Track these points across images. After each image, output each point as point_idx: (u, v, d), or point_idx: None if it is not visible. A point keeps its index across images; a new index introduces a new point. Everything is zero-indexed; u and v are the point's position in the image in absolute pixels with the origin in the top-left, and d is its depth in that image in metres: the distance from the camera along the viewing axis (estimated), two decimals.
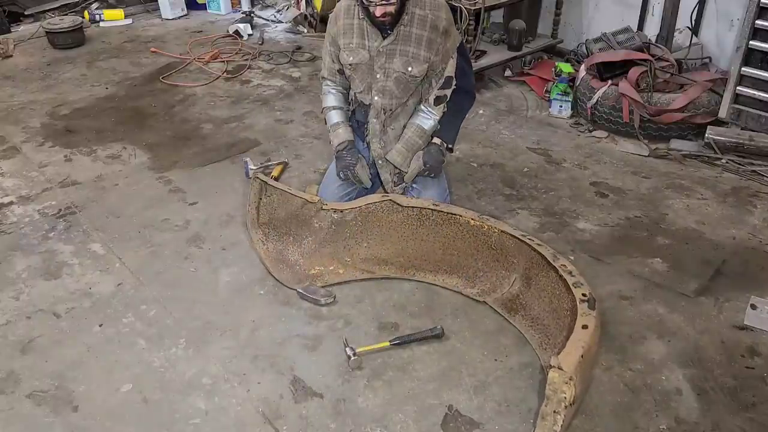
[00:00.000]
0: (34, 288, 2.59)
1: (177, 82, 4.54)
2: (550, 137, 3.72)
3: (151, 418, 2.04)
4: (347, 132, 2.70)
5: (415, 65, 2.47)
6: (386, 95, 2.56)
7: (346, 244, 2.61)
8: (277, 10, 5.99)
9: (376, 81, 2.55)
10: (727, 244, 2.78)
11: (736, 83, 3.40)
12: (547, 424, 1.71)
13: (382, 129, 2.65)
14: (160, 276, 2.65)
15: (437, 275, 2.54)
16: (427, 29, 2.43)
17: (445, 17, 2.48)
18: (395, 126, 2.65)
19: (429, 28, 2.43)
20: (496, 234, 2.41)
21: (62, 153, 3.62)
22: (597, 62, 3.67)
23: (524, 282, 2.36)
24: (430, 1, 2.45)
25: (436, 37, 2.45)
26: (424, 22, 2.43)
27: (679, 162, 3.42)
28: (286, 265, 2.61)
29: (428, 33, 2.44)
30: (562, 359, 1.79)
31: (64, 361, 2.24)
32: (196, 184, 3.29)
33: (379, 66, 2.51)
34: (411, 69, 2.48)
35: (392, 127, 2.65)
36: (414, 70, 2.48)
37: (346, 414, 2.03)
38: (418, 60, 2.47)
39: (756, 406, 2.03)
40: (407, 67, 2.47)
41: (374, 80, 2.55)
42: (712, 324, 2.35)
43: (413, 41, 2.45)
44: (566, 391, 1.73)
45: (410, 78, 2.51)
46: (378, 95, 2.57)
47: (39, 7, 5.81)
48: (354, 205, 2.58)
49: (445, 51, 2.50)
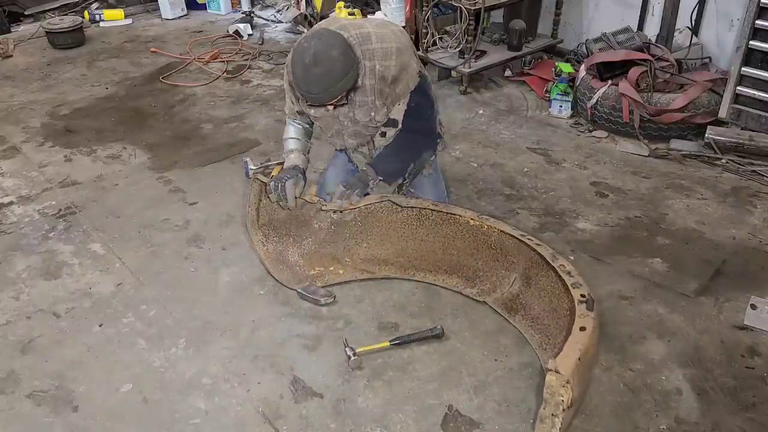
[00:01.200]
0: (34, 288, 2.59)
1: (177, 82, 4.54)
2: (550, 137, 3.72)
3: (151, 418, 2.04)
4: (299, 159, 2.61)
5: (376, 113, 2.42)
6: (358, 137, 2.56)
7: (346, 244, 2.61)
8: (277, 10, 5.99)
9: (344, 127, 2.52)
10: (727, 244, 2.78)
11: (736, 83, 3.39)
12: (546, 427, 1.71)
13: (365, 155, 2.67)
14: (160, 276, 2.65)
15: (437, 275, 2.54)
16: (376, 80, 2.32)
17: (395, 64, 2.31)
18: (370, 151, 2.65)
19: (378, 79, 2.32)
20: (496, 234, 2.41)
21: (62, 153, 3.62)
22: (597, 62, 3.67)
23: (524, 282, 2.36)
24: (380, 50, 2.29)
25: (385, 87, 2.36)
26: (374, 73, 2.31)
27: (679, 162, 3.42)
28: (286, 266, 2.61)
29: (378, 84, 2.34)
30: (560, 362, 1.79)
31: (64, 361, 2.24)
32: (196, 184, 3.29)
33: (344, 115, 2.46)
34: (374, 115, 2.43)
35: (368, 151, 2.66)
36: (377, 117, 2.44)
37: (346, 414, 2.03)
38: (377, 108, 2.41)
39: (756, 406, 2.03)
40: (370, 114, 2.42)
41: (343, 127, 2.52)
42: (712, 324, 2.35)
43: (368, 91, 2.36)
44: (563, 394, 1.73)
45: (374, 123, 2.47)
46: (350, 138, 2.57)
47: (39, 7, 5.81)
48: (353, 206, 2.58)
49: (395, 97, 2.41)
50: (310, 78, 2.15)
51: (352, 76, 2.22)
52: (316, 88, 2.17)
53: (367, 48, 2.28)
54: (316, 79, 2.15)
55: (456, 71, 4.26)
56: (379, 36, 2.30)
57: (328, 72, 2.14)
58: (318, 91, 2.18)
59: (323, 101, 2.26)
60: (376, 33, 2.31)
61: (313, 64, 2.12)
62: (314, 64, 2.12)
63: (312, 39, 2.18)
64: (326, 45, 2.15)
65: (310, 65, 2.13)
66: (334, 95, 2.22)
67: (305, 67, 2.14)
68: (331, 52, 2.13)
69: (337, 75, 2.16)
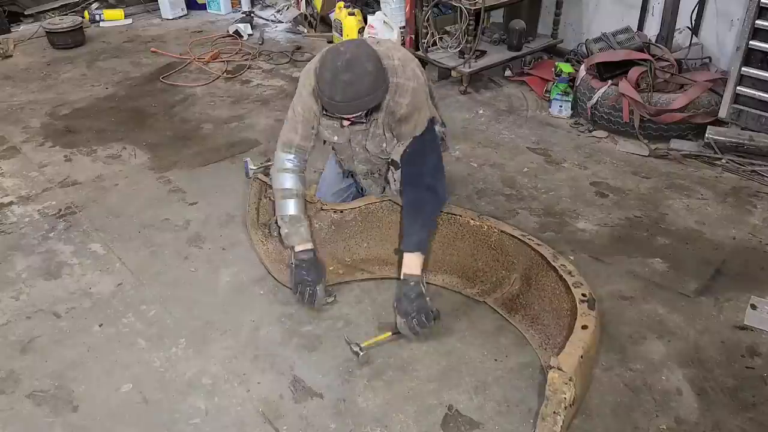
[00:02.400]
0: (34, 288, 2.59)
1: (177, 82, 4.54)
2: (550, 137, 3.72)
3: (151, 418, 2.04)
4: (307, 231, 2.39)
5: (387, 145, 2.38)
6: (368, 164, 2.55)
7: (346, 244, 2.61)
8: (277, 10, 5.99)
9: (356, 154, 2.49)
10: (727, 244, 2.78)
11: (736, 83, 3.39)
12: (547, 425, 1.71)
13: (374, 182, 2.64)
14: (160, 276, 2.65)
15: (437, 275, 2.54)
16: (383, 112, 2.24)
17: (407, 103, 2.19)
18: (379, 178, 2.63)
19: (387, 113, 2.23)
20: (496, 234, 2.41)
21: (62, 153, 3.62)
22: (597, 62, 3.67)
23: (524, 282, 2.36)
24: (401, 85, 2.18)
25: (392, 122, 2.28)
26: (386, 106, 2.22)
27: (679, 162, 3.42)
28: (285, 266, 2.61)
29: (385, 117, 2.26)
30: (562, 360, 1.79)
31: (64, 361, 2.24)
32: (196, 184, 3.29)
33: (357, 143, 2.43)
34: (385, 147, 2.38)
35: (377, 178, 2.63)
36: (388, 148, 2.39)
37: (346, 414, 2.03)
38: (387, 140, 2.37)
39: (756, 406, 2.03)
40: (381, 145, 2.38)
41: (355, 153, 2.50)
42: (712, 324, 2.35)
43: (380, 124, 2.30)
44: (566, 391, 1.73)
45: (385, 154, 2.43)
46: (361, 164, 2.55)
47: (39, 7, 5.81)
48: (353, 206, 2.58)
49: (399, 134, 2.33)
50: (337, 83, 2.01)
51: (379, 95, 2.10)
52: (340, 96, 2.03)
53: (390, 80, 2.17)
54: (343, 86, 2.00)
55: (456, 71, 4.26)
56: (401, 71, 2.20)
57: (358, 82, 2.01)
58: (341, 99, 2.03)
59: (342, 112, 2.11)
60: (401, 66, 2.20)
61: (344, 69, 1.99)
62: (345, 69, 1.99)
63: (350, 45, 2.07)
64: (363, 55, 2.03)
65: (341, 70, 1.99)
66: (355, 109, 2.09)
67: (336, 70, 2.00)
68: (366, 64, 2.01)
69: (366, 88, 2.03)
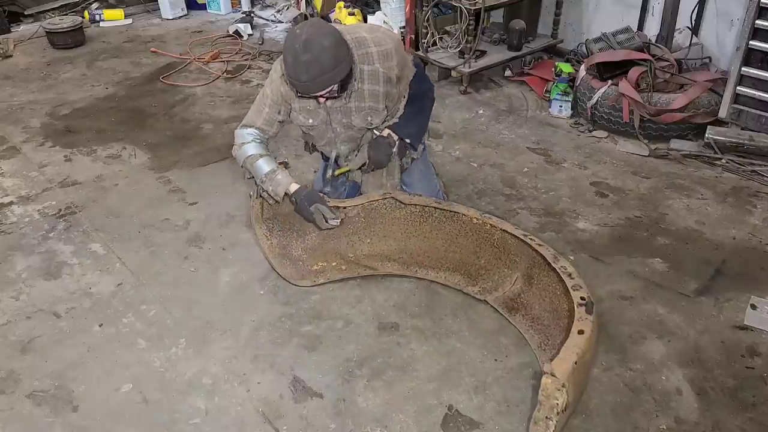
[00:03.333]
0: (34, 288, 2.59)
1: (177, 82, 4.54)
2: (550, 137, 3.72)
3: (151, 418, 2.04)
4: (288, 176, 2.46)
5: (374, 116, 2.41)
6: (351, 141, 2.55)
7: (349, 240, 2.62)
8: (277, 10, 5.99)
9: (338, 134, 2.50)
10: (727, 244, 2.78)
11: (736, 83, 3.39)
12: (539, 429, 1.71)
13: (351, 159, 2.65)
14: (160, 276, 2.65)
15: (439, 272, 2.55)
16: (381, 84, 2.30)
17: (397, 63, 2.31)
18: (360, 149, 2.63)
19: (383, 82, 2.30)
20: (499, 232, 2.41)
21: (62, 153, 3.62)
22: (597, 62, 3.67)
23: (526, 281, 2.36)
24: (377, 52, 2.26)
25: (392, 88, 2.35)
26: (376, 76, 2.28)
27: (679, 162, 3.42)
28: (289, 261, 2.61)
29: (383, 87, 2.32)
30: (556, 366, 1.78)
31: (64, 361, 2.24)
32: (196, 184, 3.29)
33: (337, 122, 2.44)
34: (371, 119, 2.41)
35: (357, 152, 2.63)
36: (374, 120, 2.42)
37: (346, 414, 2.03)
38: (376, 111, 2.39)
39: (756, 406, 2.03)
40: (367, 118, 2.40)
41: (336, 134, 2.50)
42: (712, 324, 2.35)
43: (367, 97, 2.34)
44: (559, 397, 1.73)
45: (371, 126, 2.46)
46: (343, 145, 2.55)
47: (39, 7, 5.81)
48: (357, 202, 2.58)
49: (399, 93, 2.41)
50: (299, 65, 2.10)
51: (343, 68, 2.16)
52: (305, 76, 2.11)
53: (365, 52, 2.26)
54: (305, 66, 2.09)
55: (456, 71, 4.25)
56: (374, 40, 2.28)
57: (318, 59, 2.09)
58: (307, 79, 2.12)
59: (311, 91, 2.19)
60: (371, 37, 2.29)
61: (303, 50, 2.07)
62: (303, 50, 2.07)
63: (305, 26, 2.14)
64: (318, 33, 2.10)
65: (299, 51, 2.08)
66: (322, 86, 2.16)
67: (295, 52, 2.09)
68: (322, 41, 2.08)
69: (328, 64, 2.10)
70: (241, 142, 2.48)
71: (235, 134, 2.52)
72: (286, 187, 2.44)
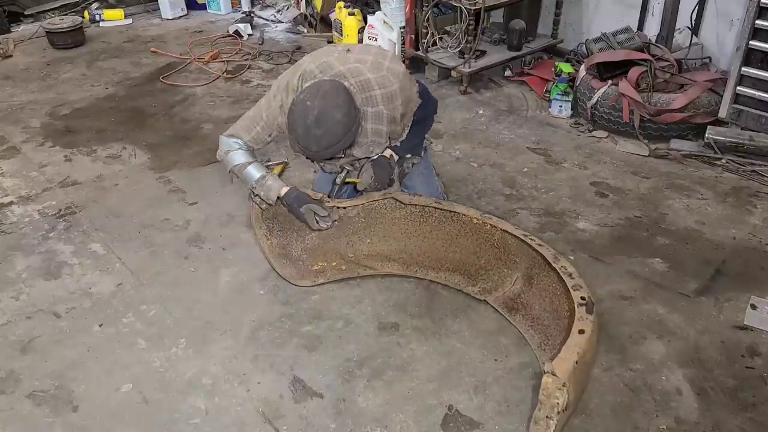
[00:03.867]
0: (34, 288, 2.59)
1: (177, 82, 4.54)
2: (550, 137, 3.72)
3: (151, 418, 2.04)
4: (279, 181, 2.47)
5: (376, 148, 2.42)
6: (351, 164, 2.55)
7: (350, 240, 2.62)
8: (277, 10, 5.99)
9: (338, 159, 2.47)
10: (727, 244, 2.78)
11: (736, 83, 3.39)
12: (540, 429, 1.71)
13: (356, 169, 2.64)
14: (160, 276, 2.65)
15: (439, 272, 2.55)
16: (384, 123, 2.30)
17: (401, 103, 2.29)
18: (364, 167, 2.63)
19: (387, 122, 2.30)
20: (499, 232, 2.41)
21: (62, 153, 3.62)
22: (597, 62, 3.67)
23: (526, 281, 2.36)
24: (381, 95, 2.24)
25: (396, 126, 2.36)
26: (380, 117, 2.28)
27: (679, 162, 3.42)
28: (289, 260, 2.61)
29: (386, 126, 2.32)
30: (556, 365, 1.78)
31: (64, 361, 2.24)
32: (196, 184, 3.29)
33: None
34: (373, 150, 2.42)
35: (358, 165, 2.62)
36: (376, 150, 2.44)
37: (346, 414, 2.03)
38: (379, 145, 2.40)
39: (756, 406, 2.03)
40: (369, 150, 2.41)
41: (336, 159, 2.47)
42: (712, 324, 2.35)
43: (370, 134, 2.33)
44: (559, 397, 1.72)
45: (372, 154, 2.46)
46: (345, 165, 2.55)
47: (39, 7, 5.81)
48: (357, 202, 2.58)
49: (404, 124, 2.42)
50: (310, 138, 2.14)
51: (353, 134, 2.20)
52: (316, 147, 2.16)
53: (370, 95, 2.24)
54: (316, 140, 2.13)
55: (456, 71, 4.25)
56: (378, 81, 2.24)
57: (330, 134, 2.13)
58: (317, 149, 2.17)
59: (318, 159, 2.27)
60: (375, 78, 2.24)
61: (315, 125, 2.10)
62: (316, 125, 2.10)
63: (315, 98, 2.12)
64: (330, 106, 2.11)
65: (311, 126, 2.10)
66: (332, 154, 2.22)
67: (307, 127, 2.11)
68: (335, 114, 2.11)
69: (339, 136, 2.14)
70: (227, 150, 2.47)
71: (221, 140, 2.50)
72: (277, 191, 2.45)
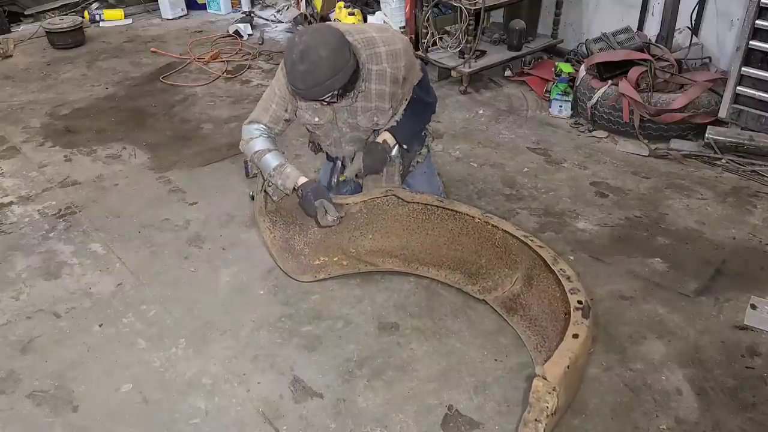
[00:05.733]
0: (34, 288, 2.59)
1: (177, 82, 4.54)
2: (550, 137, 3.72)
3: (151, 418, 2.04)
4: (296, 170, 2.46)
5: (380, 116, 2.42)
6: (356, 142, 2.55)
7: (351, 236, 2.62)
8: (277, 10, 5.99)
9: (343, 134, 2.50)
10: (727, 244, 2.78)
11: (736, 83, 3.39)
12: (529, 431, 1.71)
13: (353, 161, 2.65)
14: (160, 276, 2.65)
15: (440, 270, 2.55)
16: (388, 84, 2.31)
17: (405, 64, 2.32)
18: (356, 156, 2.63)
19: (390, 82, 2.30)
20: (500, 232, 2.41)
21: (62, 153, 3.62)
22: (597, 62, 3.67)
23: (526, 282, 2.35)
24: (386, 52, 2.27)
25: (398, 89, 2.36)
26: (383, 76, 2.29)
27: (679, 162, 3.42)
28: (291, 255, 2.61)
29: (390, 87, 2.33)
30: (548, 369, 1.78)
31: (64, 361, 2.24)
32: (196, 184, 3.29)
33: (343, 121, 2.45)
34: (377, 119, 2.42)
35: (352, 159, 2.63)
36: (380, 121, 2.43)
37: (346, 414, 2.03)
38: (383, 112, 2.40)
39: (756, 406, 2.03)
40: (373, 119, 2.41)
41: (342, 134, 2.50)
42: (712, 324, 2.35)
43: (374, 97, 2.34)
44: (549, 400, 1.72)
45: (376, 126, 2.47)
46: (349, 145, 2.55)
47: (39, 7, 5.81)
48: (359, 199, 2.58)
49: (403, 95, 2.43)
50: (296, 74, 2.12)
51: (342, 77, 2.15)
52: (302, 84, 2.14)
53: (374, 52, 2.26)
54: (301, 76, 2.11)
55: (456, 71, 4.25)
56: (383, 39, 2.28)
57: (314, 70, 2.09)
58: (303, 88, 2.15)
59: (308, 98, 2.23)
60: (380, 37, 2.29)
61: (299, 60, 2.08)
62: (300, 60, 2.08)
63: (304, 34, 2.15)
64: (316, 42, 2.09)
65: (296, 61, 2.09)
66: (319, 94, 2.17)
67: (293, 61, 2.11)
68: (320, 51, 2.08)
69: (324, 74, 2.10)
70: (249, 137, 2.48)
71: (243, 129, 2.52)
72: (294, 180, 2.43)
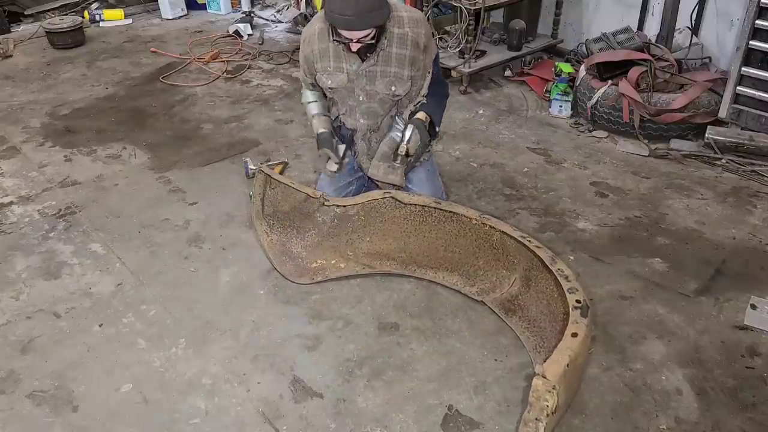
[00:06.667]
0: (34, 288, 2.59)
1: (177, 82, 4.54)
2: (550, 137, 3.72)
3: (151, 418, 2.04)
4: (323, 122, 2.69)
5: (399, 85, 2.43)
6: (371, 116, 2.56)
7: (349, 238, 2.62)
8: (277, 10, 5.99)
9: (359, 103, 2.52)
10: (727, 244, 2.78)
11: (736, 83, 3.39)
12: (529, 431, 1.70)
13: (369, 147, 2.68)
14: (160, 276, 2.65)
15: (438, 272, 2.54)
16: (408, 48, 2.37)
17: (425, 32, 2.40)
18: (378, 138, 2.66)
19: (410, 46, 2.37)
20: (498, 233, 2.41)
21: (62, 153, 3.62)
22: (597, 62, 3.67)
23: (524, 283, 2.36)
24: (408, 17, 2.37)
25: (418, 55, 2.40)
26: (404, 40, 2.36)
27: (679, 162, 3.42)
28: (288, 258, 2.61)
29: (410, 51, 2.38)
30: (547, 367, 1.78)
31: (64, 361, 2.24)
32: (196, 184, 3.29)
33: (361, 88, 2.47)
34: (395, 89, 2.44)
35: (376, 140, 2.66)
36: (398, 90, 2.45)
37: (346, 414, 2.03)
38: (401, 80, 2.42)
39: (756, 406, 2.03)
40: (391, 87, 2.43)
41: (357, 102, 2.52)
42: (712, 324, 2.35)
43: (394, 61, 2.39)
44: (549, 399, 1.72)
45: (394, 97, 2.49)
46: (363, 117, 2.56)
47: (39, 7, 5.81)
48: (356, 201, 2.58)
49: (425, 66, 2.46)
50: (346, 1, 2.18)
51: (385, 12, 2.26)
52: (352, 9, 2.18)
53: (397, 15, 2.34)
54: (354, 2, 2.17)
55: (456, 71, 4.25)
56: (405, 8, 2.41)
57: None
58: (353, 13, 2.19)
59: (354, 26, 2.24)
60: (402, 6, 2.41)
61: None
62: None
63: None
64: None
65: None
66: (366, 24, 2.23)
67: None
68: None
69: (375, 3, 2.20)
70: (306, 101, 2.75)
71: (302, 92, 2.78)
72: (315, 130, 2.68)
